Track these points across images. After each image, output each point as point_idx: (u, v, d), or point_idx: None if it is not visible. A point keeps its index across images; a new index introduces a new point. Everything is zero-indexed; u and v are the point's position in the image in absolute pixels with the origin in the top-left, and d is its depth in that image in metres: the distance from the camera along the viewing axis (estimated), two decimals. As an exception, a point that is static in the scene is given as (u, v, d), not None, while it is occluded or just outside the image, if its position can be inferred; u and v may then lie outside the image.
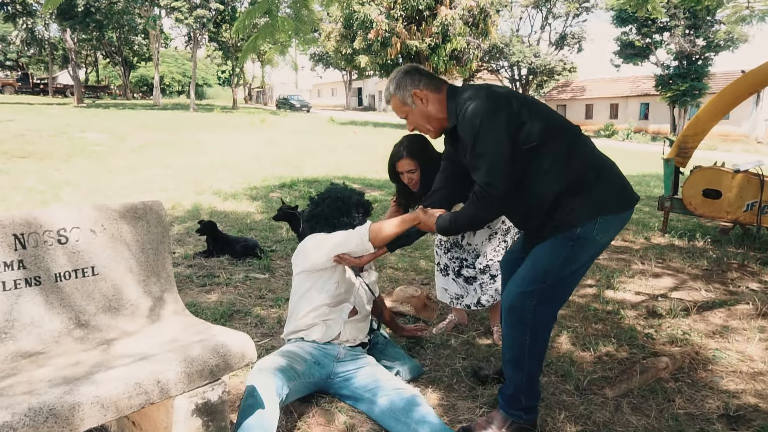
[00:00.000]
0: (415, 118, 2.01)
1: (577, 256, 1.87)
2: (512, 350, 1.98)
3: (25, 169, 8.14)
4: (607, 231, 1.89)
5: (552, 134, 1.85)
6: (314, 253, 2.20)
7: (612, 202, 1.88)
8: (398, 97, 2.00)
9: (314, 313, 2.23)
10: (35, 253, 1.69)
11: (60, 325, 1.70)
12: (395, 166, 2.67)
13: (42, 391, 1.33)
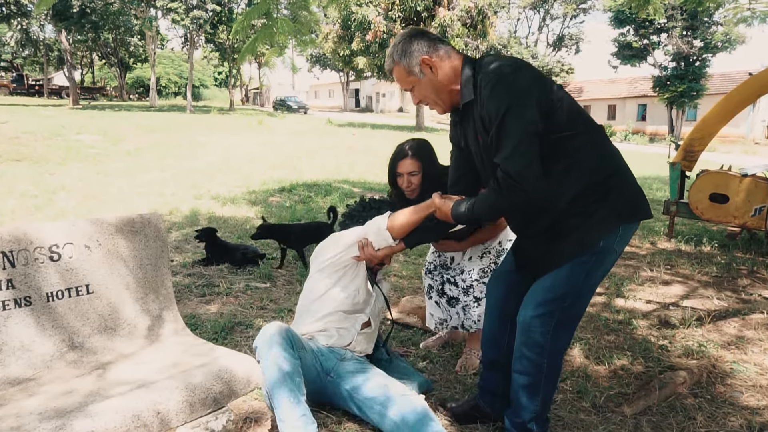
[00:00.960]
0: (422, 89, 1.76)
1: (598, 270, 1.76)
2: (529, 376, 1.83)
3: (18, 173, 8.01)
4: (625, 241, 1.78)
5: (583, 127, 1.69)
6: (332, 247, 2.09)
7: (633, 210, 1.76)
8: (403, 65, 1.74)
9: (328, 318, 2.11)
10: (25, 272, 1.58)
11: (52, 348, 1.59)
12: (396, 167, 2.44)
13: (31, 426, 1.22)
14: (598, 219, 1.70)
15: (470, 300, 2.52)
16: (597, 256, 1.71)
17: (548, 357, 1.78)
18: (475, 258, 2.50)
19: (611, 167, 1.73)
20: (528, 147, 1.55)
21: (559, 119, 1.62)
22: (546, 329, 1.75)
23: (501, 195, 1.61)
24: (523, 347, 1.81)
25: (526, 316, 1.79)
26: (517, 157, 1.54)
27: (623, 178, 1.75)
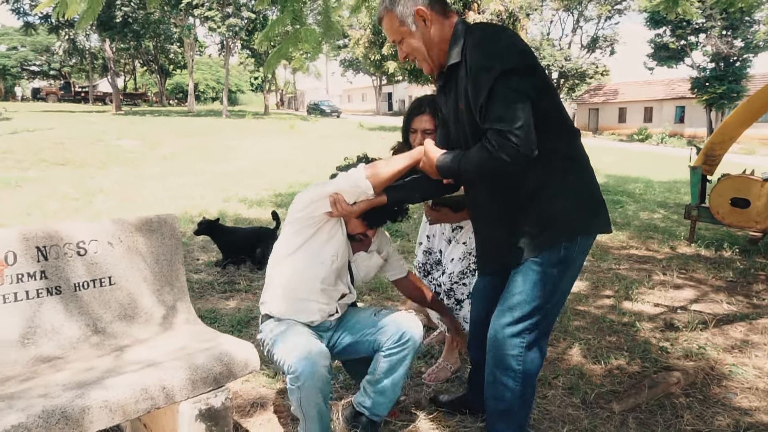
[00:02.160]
0: (412, 43, 1.65)
1: (561, 282, 1.71)
2: (502, 401, 1.78)
3: (61, 177, 8.49)
4: (584, 252, 1.73)
5: (560, 124, 1.65)
6: (299, 200, 1.89)
7: (590, 221, 1.71)
8: (396, 14, 1.63)
9: (306, 299, 1.93)
10: (56, 264, 1.80)
11: (78, 331, 1.81)
12: (412, 122, 2.28)
13: (56, 394, 1.42)
14: (557, 220, 1.65)
15: (452, 303, 2.49)
16: (559, 267, 1.67)
17: (522, 382, 1.74)
18: (456, 260, 2.46)
19: (587, 173, 1.72)
20: (521, 109, 1.47)
21: (544, 106, 1.56)
22: (518, 352, 1.72)
23: (490, 153, 1.51)
24: (497, 371, 1.76)
25: (497, 330, 1.74)
26: (510, 118, 1.46)
27: (594, 186, 1.73)
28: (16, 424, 1.29)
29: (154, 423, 1.74)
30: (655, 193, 8.96)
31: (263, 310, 1.98)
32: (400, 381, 1.96)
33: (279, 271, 1.94)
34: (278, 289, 1.93)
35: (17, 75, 51.36)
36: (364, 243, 2.08)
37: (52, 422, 1.33)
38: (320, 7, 5.94)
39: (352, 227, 1.94)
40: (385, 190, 1.80)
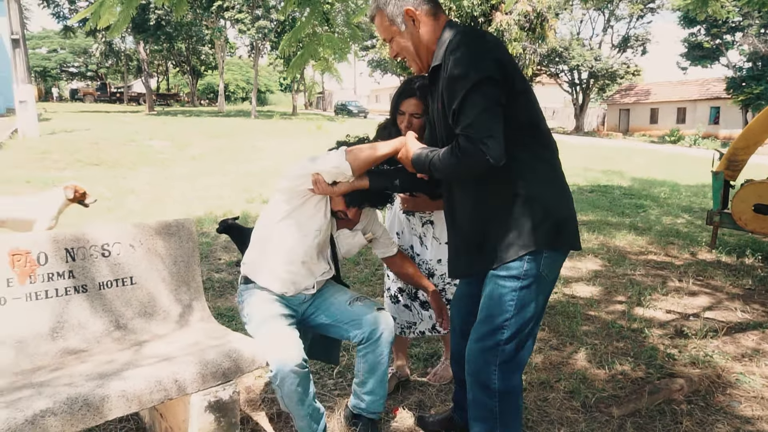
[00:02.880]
0: (401, 42, 1.68)
1: (530, 297, 1.67)
2: (481, 421, 1.75)
3: (95, 177, 8.84)
4: (553, 268, 1.70)
5: (534, 133, 1.64)
6: (294, 166, 1.94)
7: (560, 238, 1.67)
8: (386, 13, 1.66)
9: (287, 267, 1.99)
10: (83, 265, 1.96)
11: (102, 327, 1.97)
12: (400, 104, 2.25)
13: (79, 383, 1.57)
14: (521, 233, 1.63)
15: (443, 303, 2.42)
16: (524, 282, 1.64)
17: (500, 401, 1.71)
18: (444, 261, 2.39)
19: (560, 184, 1.71)
20: (492, 117, 1.50)
21: (518, 116, 1.58)
22: (491, 369, 1.69)
23: (458, 158, 1.55)
24: (475, 389, 1.75)
25: (468, 354, 1.75)
26: (479, 125, 1.49)
27: (568, 200, 1.71)
28: (44, 409, 1.44)
29: (169, 413, 1.88)
30: (681, 197, 8.83)
31: (244, 270, 2.08)
32: (384, 377, 2.06)
33: (264, 236, 2.01)
34: (261, 254, 2.02)
35: (56, 76, 53.20)
36: (350, 221, 2.12)
37: (75, 408, 1.48)
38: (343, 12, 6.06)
39: (334, 204, 2.01)
40: (368, 174, 1.86)
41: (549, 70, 32.87)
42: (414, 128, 2.20)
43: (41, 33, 51.34)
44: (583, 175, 11.32)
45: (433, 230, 2.43)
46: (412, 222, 2.47)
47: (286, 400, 1.84)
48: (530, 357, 2.90)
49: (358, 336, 2.01)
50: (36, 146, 12.21)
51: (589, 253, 5.15)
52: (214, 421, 1.73)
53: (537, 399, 2.51)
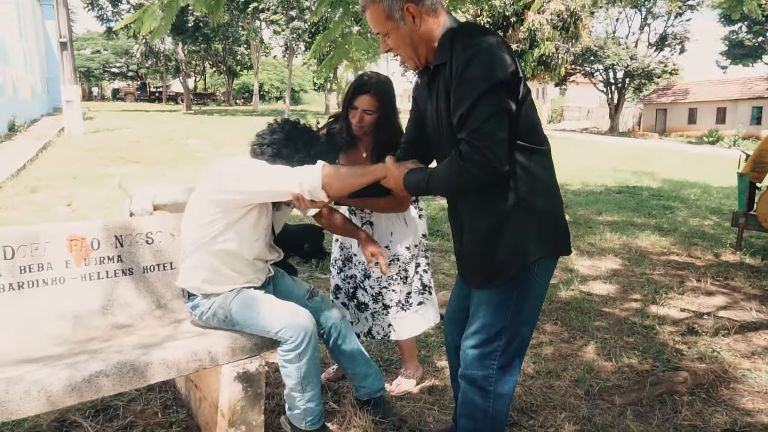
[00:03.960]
0: (399, 38, 1.59)
1: (524, 303, 1.67)
2: (474, 420, 1.76)
3: (136, 174, 9.28)
4: (545, 274, 1.70)
5: (531, 140, 1.60)
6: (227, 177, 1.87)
7: (552, 246, 1.66)
8: (384, 6, 1.55)
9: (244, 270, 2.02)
10: (130, 251, 2.22)
11: (145, 306, 2.22)
12: (354, 99, 2.24)
13: (127, 352, 1.81)
14: (516, 245, 1.61)
15: (379, 307, 2.45)
16: (518, 290, 1.65)
17: (493, 402, 1.73)
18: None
19: (555, 191, 1.69)
20: (499, 125, 1.46)
21: (523, 115, 1.55)
22: (488, 373, 1.70)
23: (459, 166, 1.49)
24: (469, 390, 1.75)
25: (466, 352, 1.74)
26: (485, 132, 1.45)
27: (547, 210, 1.65)
28: (98, 371, 1.68)
29: (202, 382, 2.12)
30: (712, 199, 8.72)
31: (194, 290, 1.99)
32: (365, 355, 2.21)
33: (209, 254, 1.93)
34: (211, 272, 1.96)
35: (99, 76, 55.17)
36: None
37: (124, 372, 1.72)
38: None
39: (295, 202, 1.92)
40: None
41: (583, 70, 32.40)
42: (365, 124, 2.25)
43: (86, 35, 53.34)
44: (612, 175, 11.25)
45: (372, 231, 2.41)
46: (354, 221, 2.43)
47: (305, 369, 1.94)
48: (540, 348, 3.08)
49: (324, 334, 2.14)
50: (81, 144, 12.85)
51: (610, 253, 5.22)
52: (242, 390, 1.95)
53: (543, 386, 2.66)
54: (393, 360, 2.91)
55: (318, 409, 2.06)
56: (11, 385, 1.56)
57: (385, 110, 2.26)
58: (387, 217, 2.41)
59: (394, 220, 2.42)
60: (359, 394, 2.28)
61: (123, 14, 31.87)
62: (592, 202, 7.86)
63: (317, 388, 2.03)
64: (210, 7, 4.38)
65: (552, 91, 42.49)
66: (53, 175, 8.73)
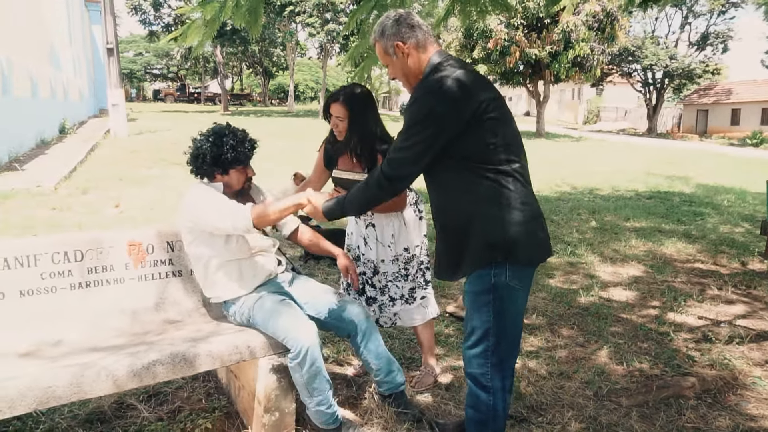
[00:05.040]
0: (394, 69, 1.95)
1: (504, 306, 1.86)
2: (478, 411, 1.98)
3: (177, 175, 9.74)
4: (520, 279, 1.87)
5: (505, 155, 1.82)
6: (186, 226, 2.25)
7: (518, 251, 1.82)
8: (381, 44, 1.92)
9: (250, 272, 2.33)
10: (179, 255, 2.50)
11: (191, 304, 2.50)
12: (329, 107, 2.54)
13: (178, 344, 2.09)
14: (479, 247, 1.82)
15: (386, 299, 2.70)
16: (495, 294, 1.84)
17: (494, 396, 1.94)
18: (387, 261, 2.67)
19: (530, 201, 1.86)
20: (416, 152, 1.78)
21: (472, 142, 1.78)
22: (485, 371, 1.92)
23: (373, 185, 1.86)
24: (472, 385, 1.98)
25: (465, 351, 1.99)
26: (401, 156, 1.80)
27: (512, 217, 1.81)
28: (155, 360, 1.96)
29: (242, 372, 2.39)
30: (746, 205, 8.60)
31: (221, 299, 2.33)
32: (387, 352, 2.41)
33: (211, 265, 2.28)
34: (226, 291, 2.30)
35: (141, 78, 57.08)
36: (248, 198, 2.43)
37: (176, 361, 1.99)
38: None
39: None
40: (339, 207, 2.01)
41: (621, 70, 31.83)
42: (339, 129, 2.53)
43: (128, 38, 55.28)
44: (644, 180, 11.16)
45: (375, 233, 2.65)
46: (359, 223, 2.70)
47: (307, 377, 2.11)
48: (554, 351, 3.24)
49: (352, 327, 2.34)
50: (126, 145, 13.50)
51: (634, 260, 5.30)
52: (276, 380, 2.20)
53: (554, 386, 2.83)
54: (414, 358, 3.13)
55: (329, 412, 2.23)
56: (85, 370, 1.85)
57: (354, 117, 2.49)
58: (388, 220, 2.64)
59: (395, 223, 2.64)
60: (382, 389, 2.49)
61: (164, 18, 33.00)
62: (620, 208, 7.88)
63: (325, 394, 2.19)
64: (248, 21, 4.68)
65: (588, 92, 41.83)
66: (101, 177, 9.27)
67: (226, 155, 2.24)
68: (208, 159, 2.24)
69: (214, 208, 2.16)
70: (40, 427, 2.30)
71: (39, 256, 2.19)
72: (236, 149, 2.26)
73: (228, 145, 2.24)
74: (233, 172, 2.31)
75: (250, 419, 2.31)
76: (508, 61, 21.89)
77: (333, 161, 2.67)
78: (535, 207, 1.89)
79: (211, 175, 2.31)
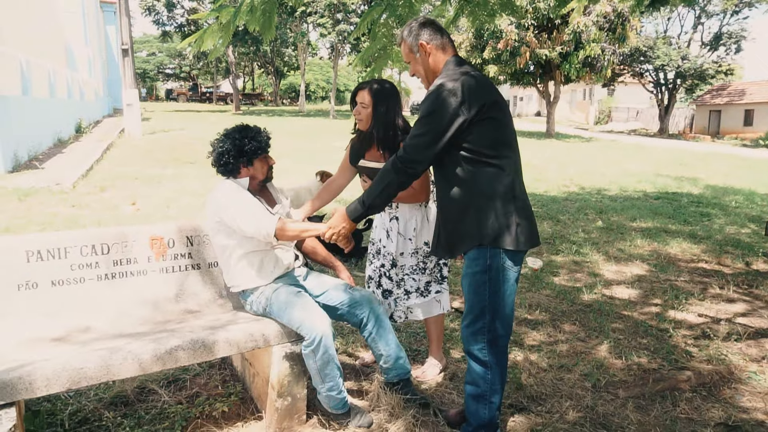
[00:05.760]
0: (417, 67, 2.17)
1: (496, 287, 2.07)
2: (476, 386, 2.16)
3: (191, 174, 9.95)
4: (511, 264, 2.07)
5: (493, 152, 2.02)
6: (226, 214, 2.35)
7: (507, 238, 2.03)
8: (407, 43, 2.15)
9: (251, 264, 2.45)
10: (198, 249, 2.65)
11: (209, 295, 2.65)
12: (355, 96, 2.69)
13: (198, 331, 2.24)
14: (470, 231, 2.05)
15: (401, 293, 2.79)
16: (489, 275, 2.05)
17: (491, 372, 2.13)
18: (407, 254, 2.76)
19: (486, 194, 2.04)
20: (428, 140, 1.98)
21: (474, 138, 1.99)
22: (482, 346, 2.12)
23: (389, 170, 2.06)
24: (470, 361, 2.18)
25: (463, 329, 2.18)
26: (416, 142, 2.00)
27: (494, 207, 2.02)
28: (176, 345, 2.11)
29: (256, 360, 2.53)
30: (753, 206, 8.63)
31: (240, 288, 2.46)
32: (396, 340, 2.53)
33: (234, 256, 2.43)
34: (245, 269, 2.44)
35: (154, 77, 57.69)
36: (269, 195, 2.58)
37: (196, 347, 2.14)
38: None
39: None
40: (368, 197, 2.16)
41: (632, 70, 31.69)
42: (362, 117, 2.66)
43: (142, 38, 55.91)
44: (652, 181, 11.18)
45: (398, 226, 2.75)
46: (383, 216, 2.81)
47: (320, 364, 2.26)
48: (556, 345, 3.36)
49: (365, 316, 2.48)
50: (140, 145, 13.76)
51: (638, 259, 5.39)
52: (289, 367, 2.35)
53: (554, 378, 2.95)
54: (420, 350, 3.27)
55: (339, 398, 2.37)
56: (113, 353, 2.00)
57: (377, 106, 2.62)
58: (411, 213, 2.74)
59: (418, 217, 2.74)
60: (389, 377, 2.62)
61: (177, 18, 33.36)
62: (627, 208, 7.95)
63: (336, 380, 2.33)
64: (263, 25, 4.83)
65: (599, 92, 41.64)
66: (117, 176, 9.50)
67: (249, 145, 2.40)
68: (233, 152, 2.39)
69: (242, 209, 2.33)
70: (68, 409, 2.46)
71: (69, 249, 2.35)
72: (256, 139, 2.43)
73: (248, 137, 2.41)
74: (257, 161, 2.46)
75: (264, 404, 2.46)
76: (518, 61, 21.92)
77: (359, 157, 2.78)
78: (523, 198, 2.11)
79: (237, 171, 2.45)
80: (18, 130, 9.89)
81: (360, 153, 2.77)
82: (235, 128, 2.47)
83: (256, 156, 2.45)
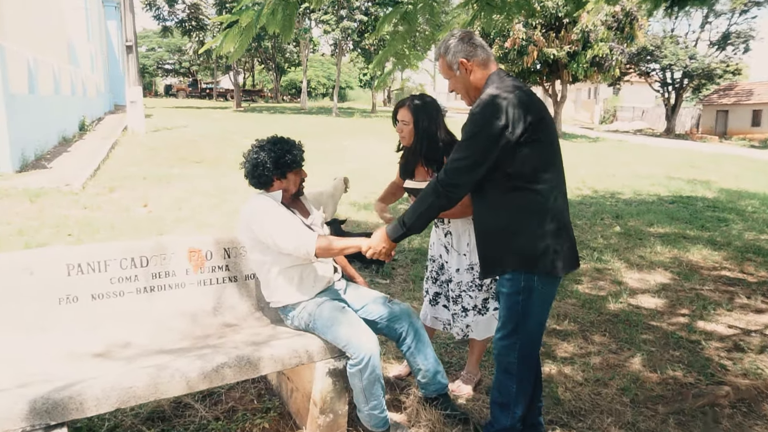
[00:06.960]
0: (456, 83, 2.12)
1: (529, 308, 2.07)
2: (501, 395, 2.19)
3: (199, 174, 9.89)
4: (545, 285, 2.06)
5: (543, 172, 1.99)
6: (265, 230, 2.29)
7: (544, 263, 2.01)
8: (446, 60, 2.08)
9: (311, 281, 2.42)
10: (235, 261, 2.61)
11: (247, 308, 2.61)
12: (397, 113, 2.67)
13: (242, 348, 2.19)
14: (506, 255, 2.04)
15: (458, 309, 2.73)
16: (523, 296, 2.04)
17: (518, 384, 2.15)
18: (462, 270, 2.69)
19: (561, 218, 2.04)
20: (469, 164, 1.93)
21: (516, 163, 1.94)
22: (511, 360, 2.13)
23: (430, 193, 2.02)
24: (499, 372, 2.19)
25: (495, 342, 2.19)
26: (457, 165, 1.95)
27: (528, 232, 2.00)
28: (223, 363, 2.06)
29: (296, 376, 2.49)
30: (770, 211, 8.58)
31: (281, 303, 2.42)
32: (434, 354, 2.48)
33: (273, 271, 2.38)
34: (286, 295, 2.39)
35: (153, 73, 57.45)
36: (302, 206, 2.54)
37: (242, 364, 2.09)
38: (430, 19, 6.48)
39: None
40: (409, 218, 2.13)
41: (639, 69, 31.58)
42: (404, 134, 2.64)
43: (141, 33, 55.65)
44: (665, 184, 11.13)
45: (452, 241, 2.70)
46: (438, 232, 2.79)
47: (366, 383, 2.23)
48: (588, 357, 3.32)
49: (404, 330, 2.44)
50: (144, 143, 13.68)
51: (660, 267, 5.34)
52: (332, 383, 2.30)
53: (591, 393, 2.91)
54: (451, 363, 3.22)
55: (381, 417, 2.34)
56: (161, 371, 1.95)
57: (419, 123, 2.59)
58: (464, 228, 2.66)
59: (470, 232, 2.62)
60: (427, 392, 2.58)
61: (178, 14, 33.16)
62: (643, 213, 7.90)
63: (380, 399, 2.30)
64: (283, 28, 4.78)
65: (605, 91, 41.56)
66: (125, 175, 9.44)
67: (285, 158, 2.36)
68: (269, 164, 2.34)
69: (279, 226, 2.28)
70: (105, 425, 2.42)
71: (109, 262, 2.30)
72: (291, 152, 2.38)
73: (284, 150, 2.37)
74: (290, 174, 2.41)
75: (304, 420, 2.42)
76: (525, 60, 21.84)
77: (408, 172, 2.76)
78: (565, 221, 2.07)
79: (269, 183, 2.40)
80: (25, 129, 9.83)
81: (408, 168, 2.73)
82: (270, 139, 2.43)
83: (291, 169, 2.40)
